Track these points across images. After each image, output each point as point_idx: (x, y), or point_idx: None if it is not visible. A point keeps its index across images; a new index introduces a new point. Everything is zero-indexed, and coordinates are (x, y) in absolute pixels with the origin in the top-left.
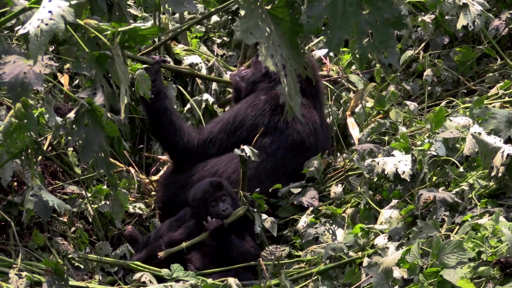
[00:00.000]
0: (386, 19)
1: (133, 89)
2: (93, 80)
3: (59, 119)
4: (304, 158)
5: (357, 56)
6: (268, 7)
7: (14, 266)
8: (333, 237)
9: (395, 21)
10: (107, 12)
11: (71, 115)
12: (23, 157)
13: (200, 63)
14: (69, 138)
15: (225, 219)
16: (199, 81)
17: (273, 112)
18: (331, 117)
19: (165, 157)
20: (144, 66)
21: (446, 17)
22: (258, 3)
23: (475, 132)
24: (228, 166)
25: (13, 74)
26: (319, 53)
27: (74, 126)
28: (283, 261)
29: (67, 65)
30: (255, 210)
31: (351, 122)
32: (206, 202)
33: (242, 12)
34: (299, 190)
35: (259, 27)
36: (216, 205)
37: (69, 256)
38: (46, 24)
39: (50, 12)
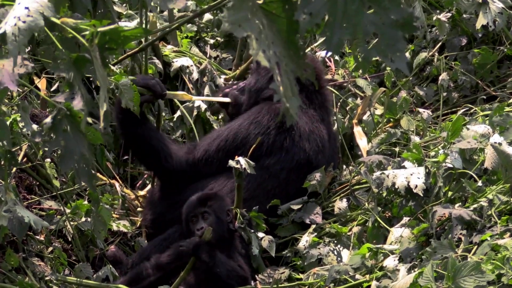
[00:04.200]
0: (393, 20)
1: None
2: (71, 84)
3: (35, 126)
4: None
5: (360, 60)
6: (261, 1)
7: None
8: (338, 258)
9: (404, 23)
10: (92, 9)
11: (48, 120)
12: None
13: (191, 66)
14: (46, 147)
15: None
16: (190, 85)
17: (279, 130)
18: (336, 126)
19: None
20: None
21: (464, 16)
22: None
23: (495, 142)
24: (224, 185)
25: None
26: (323, 54)
27: (51, 133)
28: (282, 285)
29: (49, 69)
30: (252, 230)
31: (358, 131)
32: (188, 216)
33: (231, 3)
34: (300, 206)
35: (249, 20)
36: (196, 221)
37: (46, 278)
38: (24, 22)
39: (27, 8)
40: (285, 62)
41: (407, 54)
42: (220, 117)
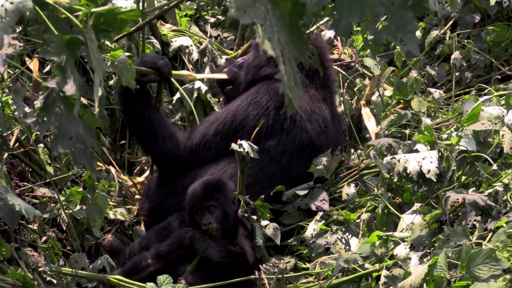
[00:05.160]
0: (403, 0)
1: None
2: (62, 67)
3: (28, 110)
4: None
5: (370, 42)
6: None
7: None
8: (346, 246)
9: (415, 3)
10: None
11: (40, 100)
12: None
13: (191, 45)
14: (38, 128)
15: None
16: (190, 66)
17: (278, 110)
18: (343, 107)
19: None
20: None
21: None
22: None
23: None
24: (224, 170)
25: None
26: (329, 33)
27: (43, 114)
28: (288, 275)
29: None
30: (255, 218)
31: (366, 113)
32: (192, 208)
33: None
34: (306, 192)
35: (254, 5)
36: (202, 215)
37: (40, 269)
38: (11, 3)
39: None
40: (288, 49)
41: (418, 33)
42: (221, 99)
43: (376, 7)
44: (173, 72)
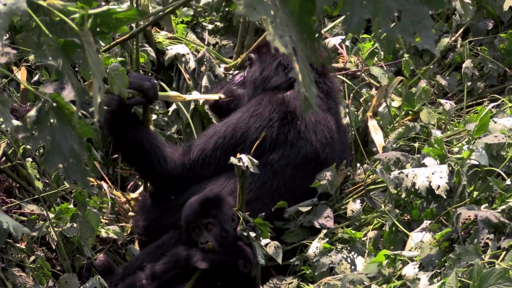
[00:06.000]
0: None
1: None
2: (60, 72)
3: (15, 122)
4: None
5: (383, 40)
6: None
7: None
8: (352, 266)
9: None
10: None
11: (33, 113)
12: None
13: (188, 54)
14: (29, 143)
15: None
16: (186, 76)
17: (282, 121)
18: (348, 119)
19: None
20: None
21: None
22: None
23: None
24: (224, 186)
25: None
26: (334, 41)
27: (36, 128)
28: None
29: (31, 57)
30: (255, 236)
31: (373, 125)
32: (189, 226)
33: None
34: (309, 208)
35: (263, 2)
36: (200, 233)
37: None
38: (5, 5)
39: None
40: (300, 47)
41: None
42: None
43: (389, 3)
44: (160, 93)
